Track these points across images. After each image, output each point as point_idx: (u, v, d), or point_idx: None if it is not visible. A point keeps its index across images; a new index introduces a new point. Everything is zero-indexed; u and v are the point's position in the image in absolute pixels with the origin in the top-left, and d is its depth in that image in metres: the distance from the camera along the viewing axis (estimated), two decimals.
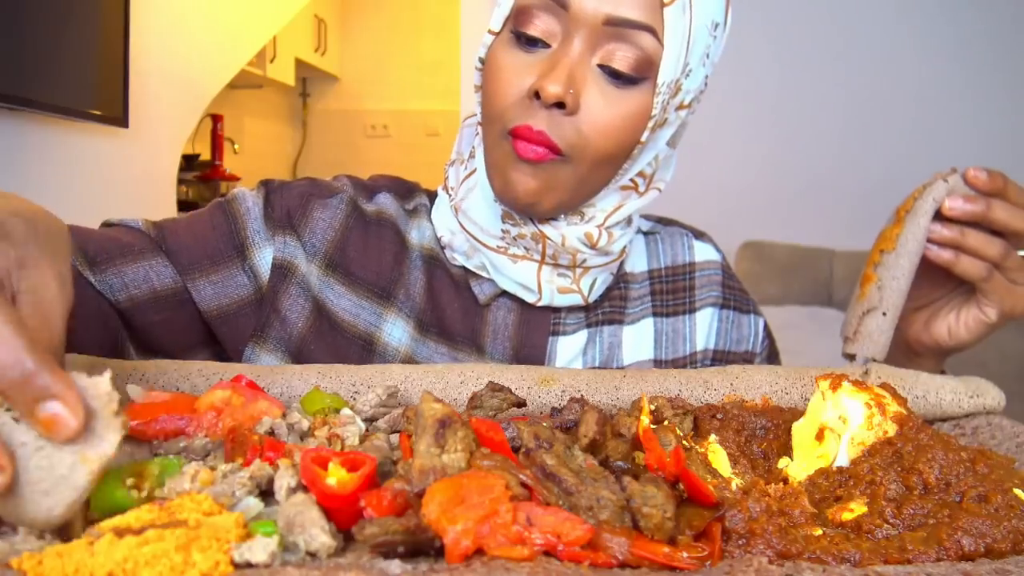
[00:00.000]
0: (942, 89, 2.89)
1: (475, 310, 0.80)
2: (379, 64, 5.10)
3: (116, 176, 2.63)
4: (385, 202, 0.83)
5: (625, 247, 0.81)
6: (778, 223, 2.94)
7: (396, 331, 0.78)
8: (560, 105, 0.68)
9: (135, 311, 0.70)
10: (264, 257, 0.76)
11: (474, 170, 0.78)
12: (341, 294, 0.78)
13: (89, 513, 0.38)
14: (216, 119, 4.03)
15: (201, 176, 3.94)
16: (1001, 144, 2.84)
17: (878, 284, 0.67)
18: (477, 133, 0.78)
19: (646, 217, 0.91)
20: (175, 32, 2.88)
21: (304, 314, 0.76)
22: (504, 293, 0.80)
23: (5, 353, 0.34)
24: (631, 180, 0.76)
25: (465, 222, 0.78)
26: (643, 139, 0.71)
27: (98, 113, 2.44)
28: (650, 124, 0.71)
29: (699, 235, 0.91)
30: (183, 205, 3.22)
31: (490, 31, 0.73)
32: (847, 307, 0.71)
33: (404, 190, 0.87)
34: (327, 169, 5.17)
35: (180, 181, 3.25)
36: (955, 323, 0.71)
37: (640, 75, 0.68)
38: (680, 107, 0.73)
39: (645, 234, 0.89)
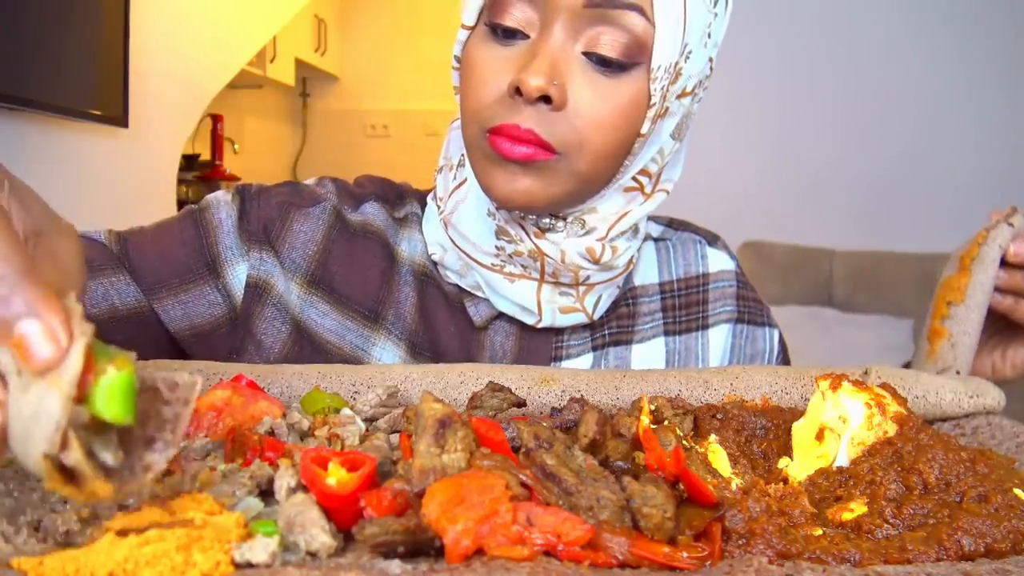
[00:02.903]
0: (943, 90, 2.89)
1: (471, 334, 0.74)
2: (379, 64, 5.10)
3: (116, 176, 2.63)
4: (372, 212, 0.77)
5: (632, 258, 0.75)
6: (778, 223, 2.93)
7: (386, 356, 0.73)
8: (546, 100, 0.62)
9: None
10: (238, 275, 0.71)
11: (464, 180, 0.72)
12: (325, 313, 0.72)
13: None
14: (216, 119, 4.03)
15: (201, 176, 3.94)
16: (1002, 145, 2.84)
17: (951, 341, 0.64)
18: None
19: (656, 220, 0.85)
20: (175, 32, 2.88)
21: (281, 338, 0.71)
22: (501, 315, 0.74)
23: None
24: (634, 180, 0.70)
25: (456, 237, 0.71)
26: (644, 131, 0.66)
27: (98, 113, 2.44)
28: (650, 114, 0.65)
29: (712, 240, 0.85)
30: (183, 205, 3.21)
31: (463, 26, 0.67)
32: (914, 364, 0.66)
33: (393, 196, 0.80)
34: (327, 169, 5.15)
35: (180, 181, 3.25)
36: (1000, 362, 0.69)
37: (631, 60, 0.62)
38: (683, 95, 0.67)
39: (655, 240, 0.83)
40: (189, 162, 3.71)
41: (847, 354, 2.44)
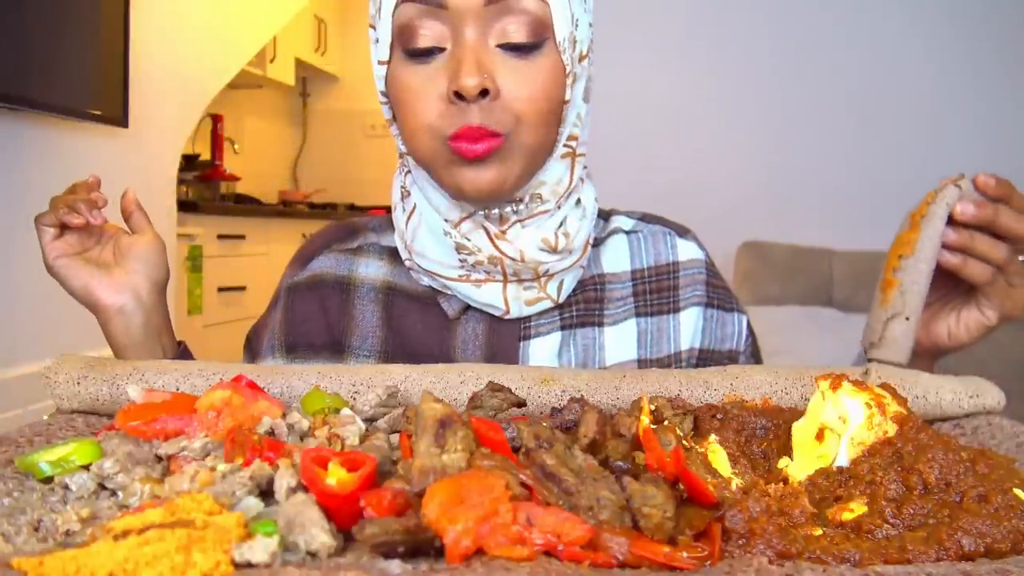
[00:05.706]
0: (944, 89, 2.89)
1: (442, 326, 0.80)
2: None
3: (116, 176, 2.62)
4: (319, 263, 0.84)
5: (588, 241, 0.80)
6: (778, 223, 2.93)
7: None
8: (484, 94, 0.68)
9: None
10: None
11: (414, 207, 0.78)
12: None
13: None
14: (216, 119, 4.03)
15: (201, 176, 3.94)
16: (1003, 145, 2.84)
17: (900, 289, 0.67)
18: (407, 171, 0.79)
19: (628, 214, 0.90)
20: (175, 32, 2.88)
21: None
22: (472, 307, 0.80)
23: None
24: (567, 146, 0.77)
25: (421, 262, 0.78)
26: (567, 98, 0.73)
27: (98, 113, 2.44)
28: (568, 82, 0.72)
29: (682, 233, 0.89)
30: (183, 205, 3.22)
31: (380, 62, 0.73)
32: (870, 313, 0.71)
33: (344, 234, 0.87)
34: (327, 169, 5.19)
35: (180, 181, 3.25)
36: (955, 325, 0.71)
37: (539, 39, 0.69)
38: (582, 58, 0.74)
39: (627, 233, 0.88)
40: (189, 162, 3.71)
41: (847, 354, 2.43)
